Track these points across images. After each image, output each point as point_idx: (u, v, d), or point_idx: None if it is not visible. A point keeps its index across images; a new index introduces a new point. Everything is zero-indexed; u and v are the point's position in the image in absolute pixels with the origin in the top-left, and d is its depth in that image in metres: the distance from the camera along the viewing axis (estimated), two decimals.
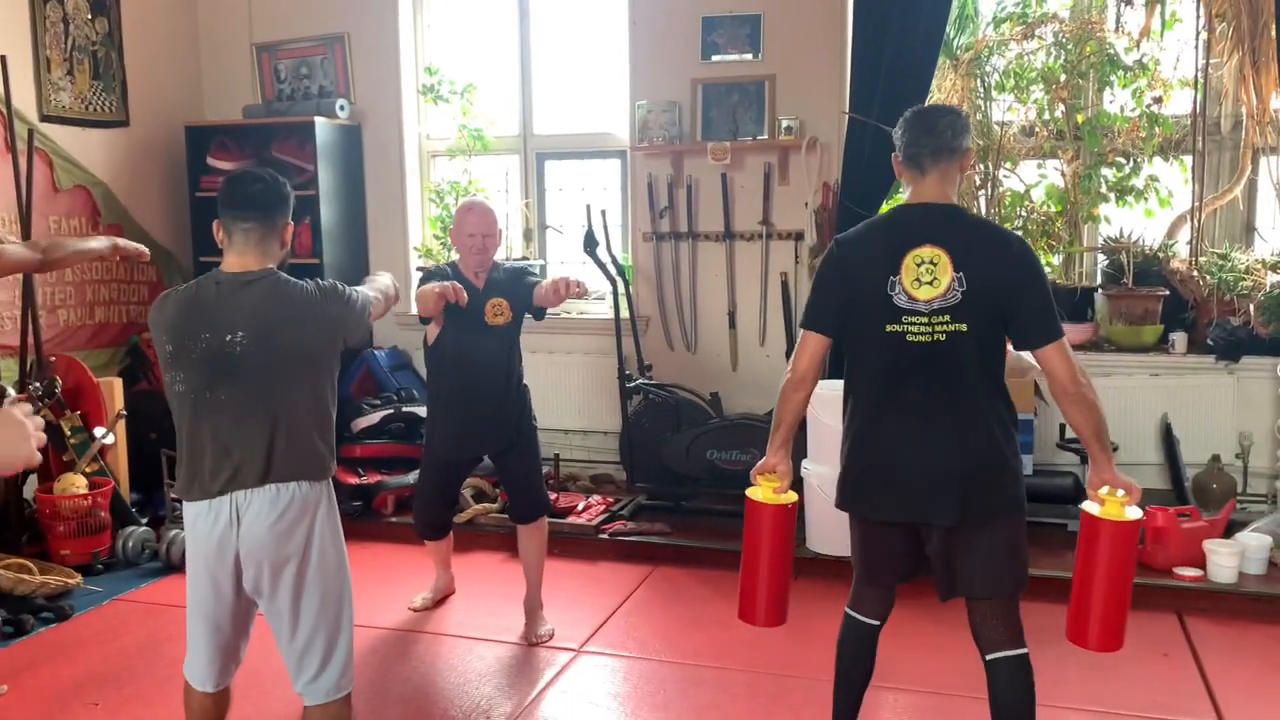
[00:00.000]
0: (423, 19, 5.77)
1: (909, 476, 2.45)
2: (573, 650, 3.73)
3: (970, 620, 2.56)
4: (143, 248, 3.40)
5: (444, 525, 4.01)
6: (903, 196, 2.58)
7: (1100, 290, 4.92)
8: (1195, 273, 4.73)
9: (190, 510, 2.44)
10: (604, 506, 4.93)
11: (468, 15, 5.76)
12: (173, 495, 2.50)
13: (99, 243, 3.37)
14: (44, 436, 1.61)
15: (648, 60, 5.25)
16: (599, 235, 4.96)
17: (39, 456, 1.59)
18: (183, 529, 4.43)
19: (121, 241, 3.37)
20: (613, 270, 5.00)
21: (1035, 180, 4.99)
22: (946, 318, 2.38)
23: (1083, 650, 2.46)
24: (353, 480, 5.06)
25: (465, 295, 3.45)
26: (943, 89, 4.94)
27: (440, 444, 3.79)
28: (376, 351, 5.62)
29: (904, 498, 2.47)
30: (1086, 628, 2.40)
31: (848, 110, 4.77)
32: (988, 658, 2.52)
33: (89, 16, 5.26)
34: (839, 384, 2.70)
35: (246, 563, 2.41)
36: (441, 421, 3.78)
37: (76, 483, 4.45)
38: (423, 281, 3.65)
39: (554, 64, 5.65)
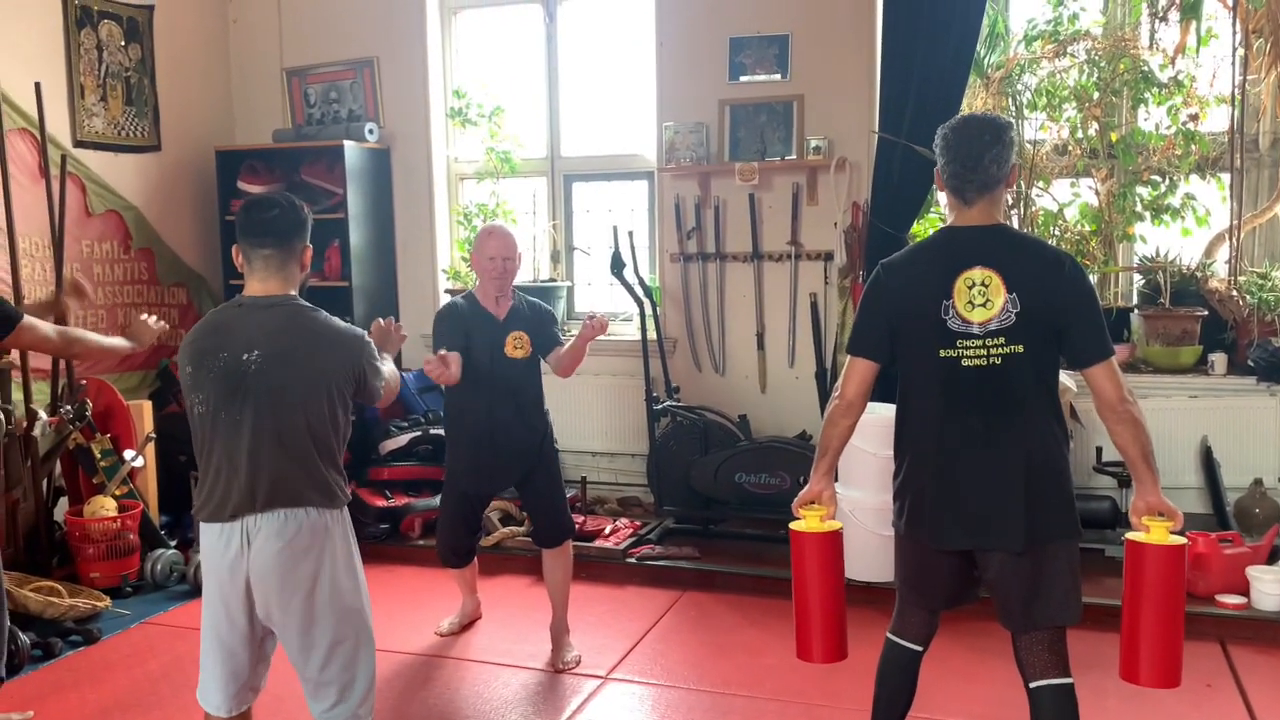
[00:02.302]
0: (451, 43, 5.80)
1: (973, 503, 2.41)
2: (600, 677, 3.68)
3: (1015, 647, 2.50)
4: (161, 327, 3.53)
5: (467, 552, 3.98)
6: (946, 217, 2.54)
7: (1136, 310, 4.84)
8: (1234, 292, 4.64)
9: (206, 532, 2.44)
10: (631, 530, 4.89)
11: (495, 38, 5.79)
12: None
13: (119, 343, 3.46)
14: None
15: (675, 81, 5.24)
16: (626, 257, 4.94)
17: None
18: None
19: (139, 344, 3.49)
20: (640, 292, 4.98)
21: (1069, 199, 4.93)
22: (1001, 340, 2.35)
23: (1127, 683, 2.38)
24: (380, 503, 5.05)
25: (454, 357, 3.51)
26: (973, 108, 4.88)
27: (462, 476, 3.79)
28: (405, 374, 5.61)
29: (968, 524, 2.42)
30: (1139, 662, 2.33)
31: (877, 130, 4.73)
32: (1031, 685, 2.46)
33: (122, 43, 5.33)
34: (876, 408, 2.65)
35: (257, 589, 2.39)
36: (463, 453, 3.76)
37: (106, 505, 4.47)
38: (437, 322, 3.70)
39: (581, 86, 5.66)
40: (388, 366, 2.66)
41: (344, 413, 2.48)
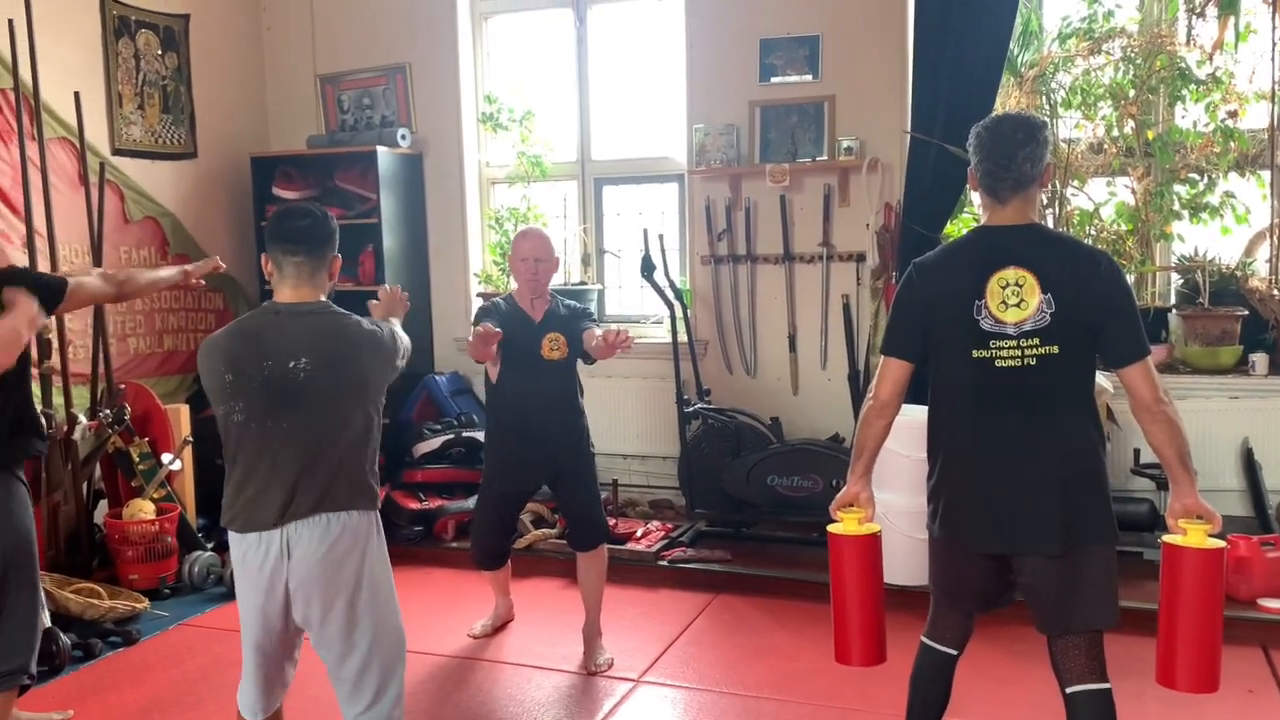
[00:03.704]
0: (482, 48, 5.83)
1: (1007, 506, 2.38)
2: (632, 680, 3.68)
3: (1051, 651, 2.47)
4: (214, 261, 3.53)
5: (501, 554, 4.00)
6: (980, 216, 2.51)
7: (1175, 311, 4.77)
8: (1276, 291, 4.56)
9: (239, 543, 2.43)
10: (663, 533, 4.88)
11: (526, 43, 5.81)
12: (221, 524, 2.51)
13: (169, 272, 3.47)
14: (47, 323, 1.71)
15: (705, 83, 5.23)
16: (656, 259, 4.94)
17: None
18: None
19: (191, 267, 3.47)
20: (670, 294, 4.98)
21: (1104, 198, 4.87)
22: (1036, 340, 2.32)
23: (1165, 688, 2.35)
24: (413, 505, 5.08)
25: (495, 332, 3.42)
26: (1007, 107, 4.84)
27: (498, 476, 3.82)
28: (437, 377, 5.65)
29: (1004, 528, 2.39)
30: (1177, 667, 2.29)
31: (909, 130, 4.70)
32: (1068, 691, 2.42)
33: (159, 52, 5.40)
34: (908, 410, 2.64)
35: (296, 595, 2.40)
36: (500, 454, 3.80)
37: (144, 508, 4.53)
38: (478, 317, 3.69)
39: (612, 90, 5.67)
40: (403, 340, 2.62)
41: (379, 415, 2.51)
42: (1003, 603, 2.60)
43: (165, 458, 4.66)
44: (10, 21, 4.29)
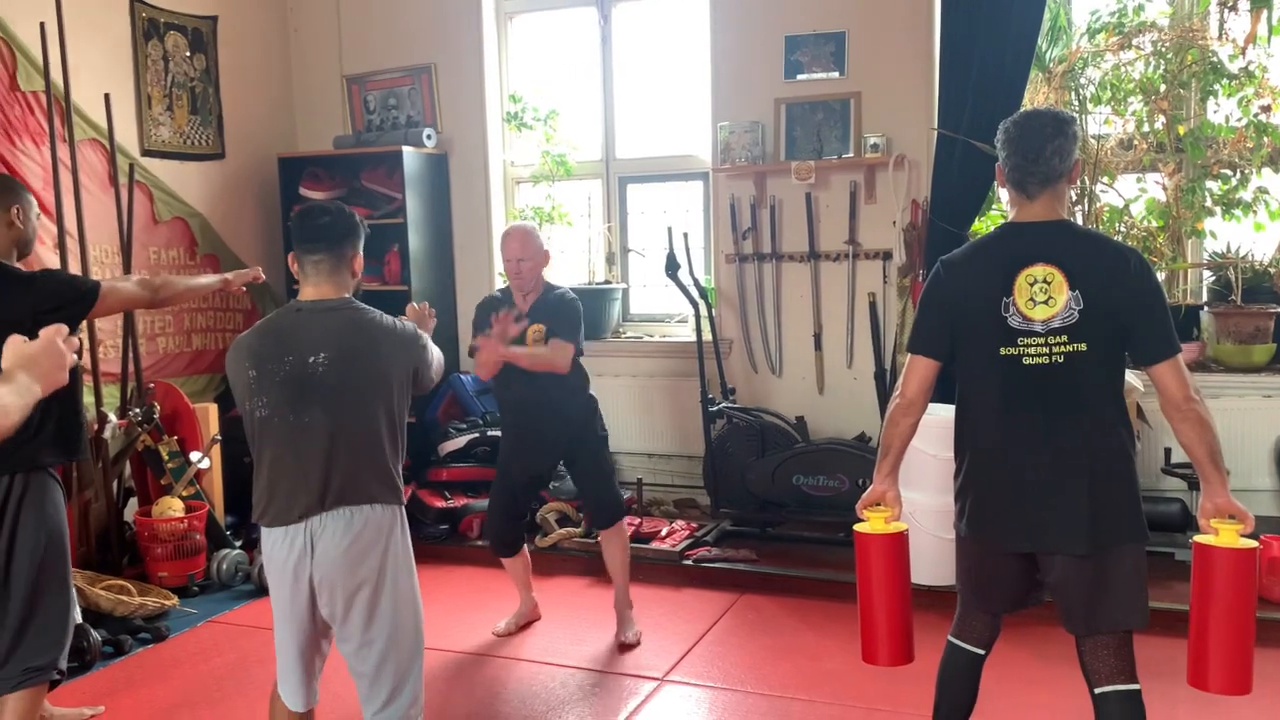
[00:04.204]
0: (507, 48, 5.84)
1: (1034, 505, 2.36)
2: (656, 679, 3.67)
3: (1080, 652, 2.44)
4: (256, 271, 3.59)
5: (513, 541, 4.05)
6: (1008, 213, 2.50)
7: (1206, 308, 4.71)
8: None
9: (268, 538, 2.48)
10: (688, 532, 4.87)
11: (550, 42, 5.82)
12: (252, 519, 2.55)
13: (209, 279, 3.52)
14: (74, 357, 1.76)
15: (730, 81, 5.22)
16: (681, 258, 4.93)
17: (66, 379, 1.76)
18: None
19: (232, 276, 3.53)
20: (695, 293, 4.97)
21: (1135, 195, 4.81)
22: (1064, 338, 2.31)
23: (1196, 690, 2.32)
24: (439, 503, 5.10)
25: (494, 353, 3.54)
26: (1035, 102, 4.79)
27: (504, 461, 3.98)
28: (462, 376, 5.66)
29: (1031, 527, 2.38)
30: (1208, 669, 2.26)
31: (936, 126, 4.66)
32: (1097, 691, 2.40)
33: (188, 54, 5.45)
34: (936, 409, 2.63)
35: (320, 588, 2.43)
36: (505, 441, 4.01)
37: (174, 506, 4.57)
38: (478, 309, 3.89)
39: (636, 88, 5.66)
40: (434, 350, 2.68)
41: (404, 409, 2.54)
42: (1030, 603, 2.58)
43: (194, 456, 4.70)
44: (41, 25, 4.34)
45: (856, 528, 2.49)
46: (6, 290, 2.90)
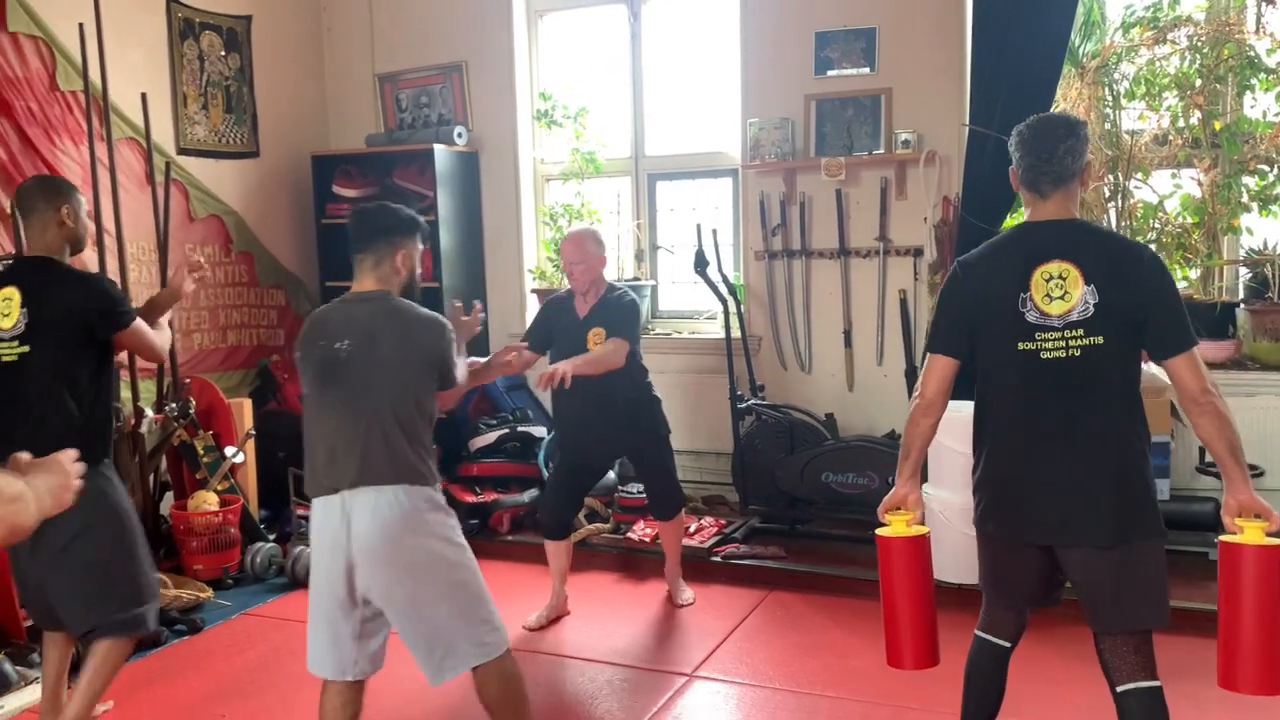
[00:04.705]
0: (537, 46, 5.86)
1: (1053, 498, 2.39)
2: (685, 675, 3.68)
3: (1099, 650, 2.45)
4: (194, 264, 3.56)
5: (565, 525, 4.18)
6: (1024, 213, 2.54)
7: (1242, 305, 4.65)
8: None
9: (313, 506, 2.63)
10: (716, 529, 4.88)
11: (580, 40, 5.84)
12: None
13: (168, 298, 3.49)
14: (79, 483, 1.63)
15: (760, 77, 5.21)
16: (710, 255, 4.94)
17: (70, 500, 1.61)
18: (307, 546, 4.60)
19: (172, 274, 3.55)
20: (724, 290, 4.96)
21: (1169, 191, 4.76)
22: (1080, 332, 2.35)
23: (1228, 692, 2.30)
24: (469, 498, 5.13)
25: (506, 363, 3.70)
26: (1068, 98, 4.75)
27: (566, 451, 4.17)
28: None
29: (1048, 520, 2.40)
30: (1237, 669, 2.26)
31: (968, 122, 4.63)
32: (1119, 689, 2.41)
33: (223, 53, 5.51)
34: (962, 406, 2.64)
35: (358, 564, 2.55)
36: (564, 433, 4.18)
37: (209, 500, 4.63)
38: (544, 308, 4.13)
39: (665, 85, 5.67)
40: (463, 362, 2.82)
41: (428, 396, 2.65)
42: (1050, 601, 2.59)
43: (229, 451, 4.76)
44: (80, 26, 4.40)
45: (878, 531, 2.51)
46: (61, 287, 3.04)
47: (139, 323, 3.17)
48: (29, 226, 3.13)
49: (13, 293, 3.02)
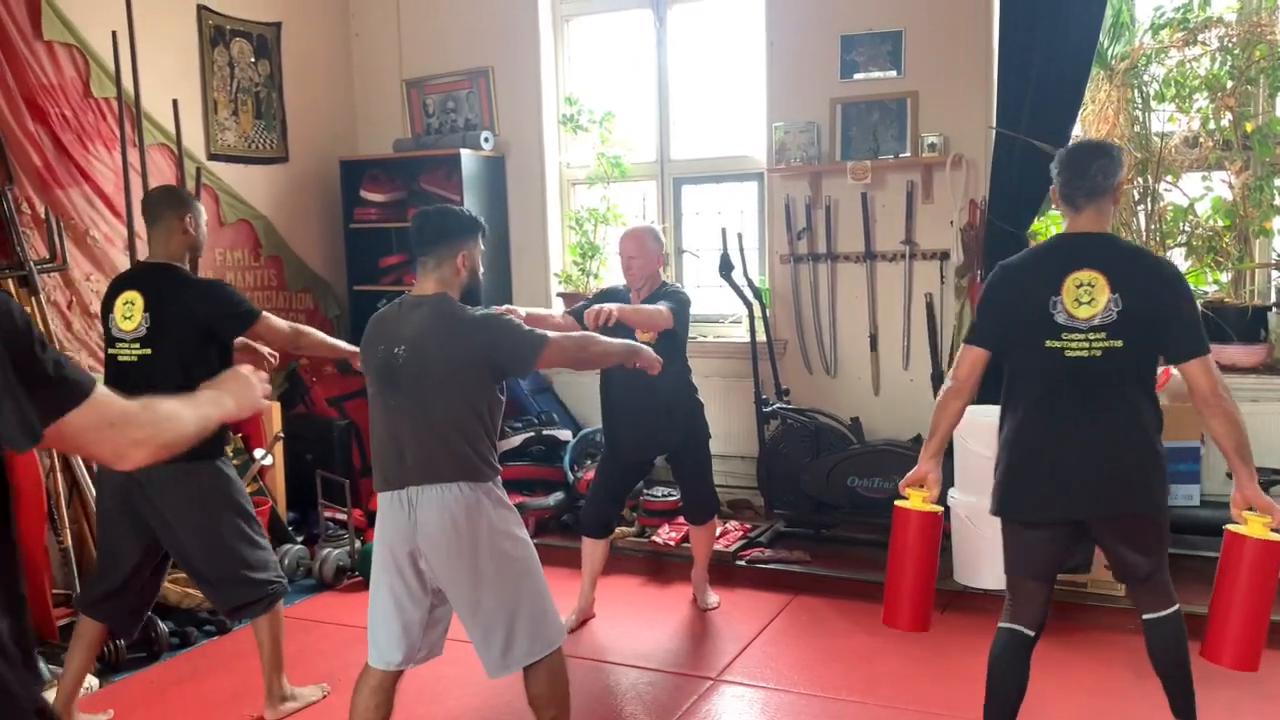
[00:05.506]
0: (563, 50, 5.89)
1: (1072, 476, 2.62)
2: (710, 679, 3.68)
3: (1130, 593, 2.81)
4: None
5: (607, 524, 4.19)
6: (1062, 225, 2.80)
7: (1275, 309, 4.59)
8: None
9: (379, 500, 2.71)
10: (741, 533, 4.87)
11: (606, 45, 5.85)
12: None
13: (343, 346, 3.74)
14: (268, 388, 1.94)
15: (785, 81, 5.21)
16: (735, 258, 4.93)
17: (265, 403, 1.92)
18: (334, 548, 4.65)
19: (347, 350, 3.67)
20: (749, 294, 4.96)
21: (1200, 194, 4.71)
22: (1103, 334, 2.59)
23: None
24: None
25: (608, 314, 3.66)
26: (1096, 100, 4.72)
27: (610, 448, 4.19)
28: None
29: (1068, 496, 2.63)
30: (1222, 644, 2.55)
31: (995, 125, 4.61)
32: (1145, 617, 2.74)
33: (252, 60, 5.57)
34: (988, 409, 2.84)
35: (422, 558, 2.63)
36: (609, 429, 4.19)
37: None
38: (597, 296, 4.20)
39: (691, 89, 5.67)
40: (562, 336, 2.85)
41: (483, 394, 2.67)
42: (1071, 566, 2.92)
43: (257, 453, 4.80)
44: (113, 34, 4.47)
45: (897, 503, 2.78)
46: (183, 292, 3.21)
47: (266, 315, 3.35)
48: (153, 233, 3.31)
49: (135, 296, 3.22)
